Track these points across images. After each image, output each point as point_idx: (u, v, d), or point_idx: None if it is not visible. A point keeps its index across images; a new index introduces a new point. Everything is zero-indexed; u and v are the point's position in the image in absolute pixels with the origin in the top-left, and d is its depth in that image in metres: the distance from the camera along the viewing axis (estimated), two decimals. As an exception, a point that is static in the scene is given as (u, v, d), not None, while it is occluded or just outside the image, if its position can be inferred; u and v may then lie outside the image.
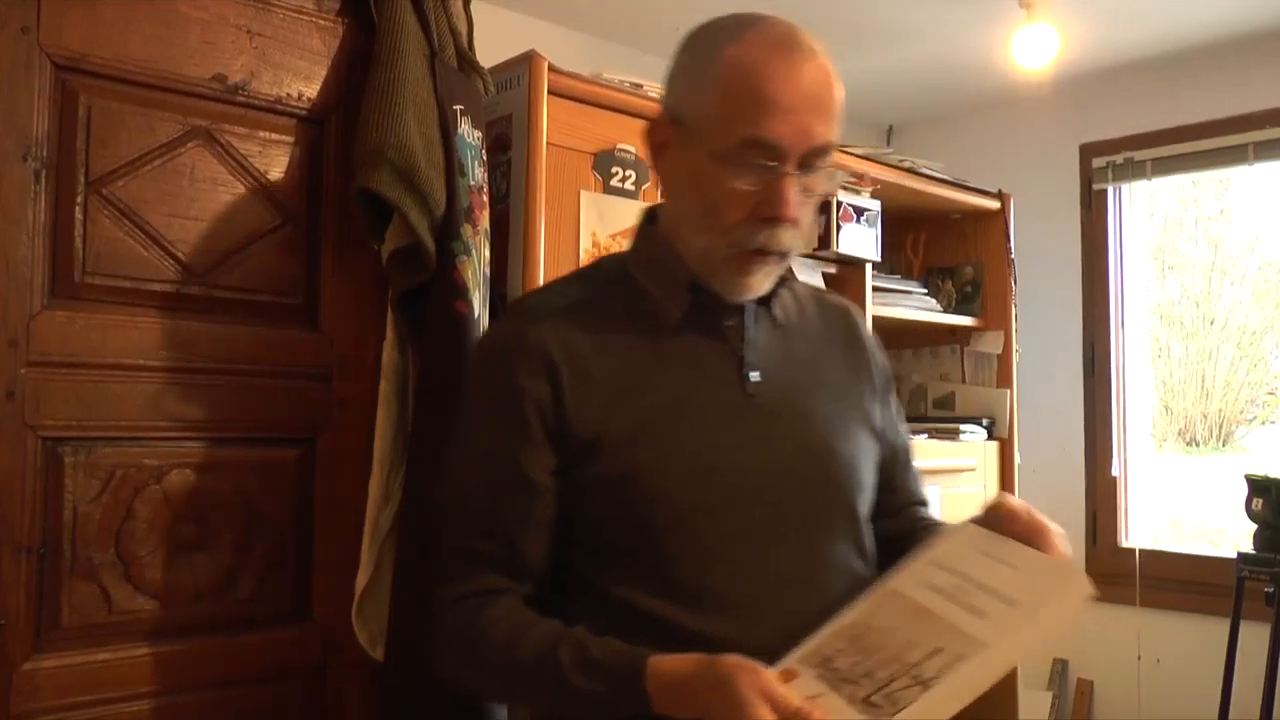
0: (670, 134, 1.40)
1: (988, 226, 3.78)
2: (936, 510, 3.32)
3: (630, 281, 1.45)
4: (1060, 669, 4.17)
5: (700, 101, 1.36)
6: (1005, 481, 3.64)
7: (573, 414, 1.35)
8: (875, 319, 3.28)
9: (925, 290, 3.67)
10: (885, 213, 3.26)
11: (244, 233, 1.71)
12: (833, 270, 3.19)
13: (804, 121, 1.33)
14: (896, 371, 3.93)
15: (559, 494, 1.37)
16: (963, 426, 3.52)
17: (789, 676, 1.21)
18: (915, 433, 3.42)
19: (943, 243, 3.87)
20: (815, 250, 3.08)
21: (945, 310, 3.70)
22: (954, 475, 3.46)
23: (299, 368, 1.81)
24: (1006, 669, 1.23)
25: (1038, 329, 4.16)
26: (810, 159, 1.34)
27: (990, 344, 3.70)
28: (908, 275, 3.81)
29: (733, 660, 1.18)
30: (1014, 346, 3.69)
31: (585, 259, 2.39)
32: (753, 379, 1.41)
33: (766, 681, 1.15)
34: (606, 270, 1.50)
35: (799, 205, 1.35)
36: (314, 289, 1.82)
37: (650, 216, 1.50)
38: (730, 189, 1.33)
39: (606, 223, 2.48)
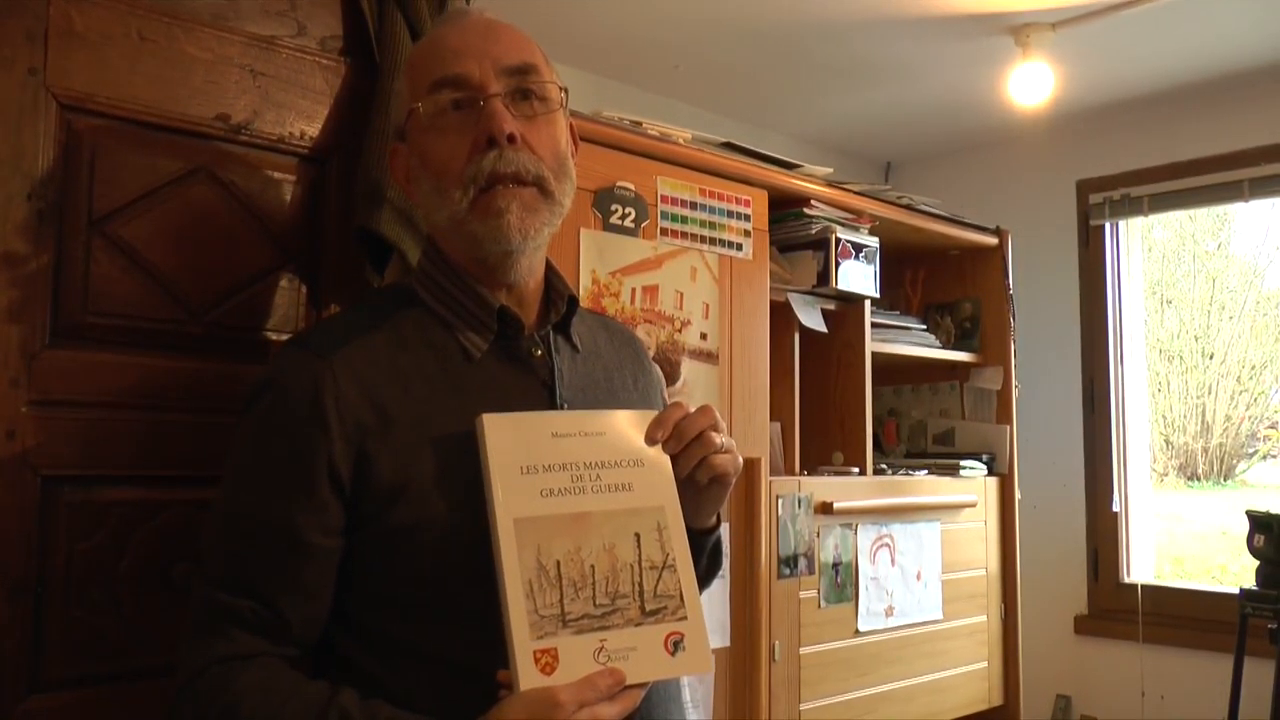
0: (402, 153, 1.44)
1: (986, 263, 3.80)
2: (937, 548, 3.32)
3: (421, 307, 1.40)
4: (1063, 706, 4.15)
5: (402, 102, 1.42)
6: (1006, 517, 3.64)
7: (375, 464, 1.27)
8: (875, 355, 3.29)
9: (924, 326, 3.68)
10: (884, 249, 3.28)
11: (246, 271, 1.72)
12: (831, 307, 3.21)
13: (479, 48, 1.36)
14: (895, 407, 3.95)
15: (345, 552, 1.29)
16: (963, 462, 3.53)
17: (551, 658, 1.17)
18: (915, 469, 3.42)
19: (941, 279, 3.89)
20: (814, 287, 3.09)
21: (944, 346, 3.71)
22: (954, 511, 3.47)
23: (300, 406, 1.80)
24: (680, 515, 1.30)
25: (1037, 364, 4.17)
26: (514, 82, 1.36)
27: (990, 380, 3.71)
28: (907, 311, 3.83)
29: (522, 704, 1.13)
30: (1013, 382, 3.71)
31: (586, 299, 2.40)
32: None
33: (564, 695, 1.13)
34: (394, 297, 1.44)
35: (516, 122, 1.34)
36: (315, 327, 1.82)
37: (431, 241, 1.47)
38: (446, 144, 1.35)
39: (607, 261, 2.49)
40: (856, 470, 3.21)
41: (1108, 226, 4.23)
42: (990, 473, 3.63)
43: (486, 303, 1.39)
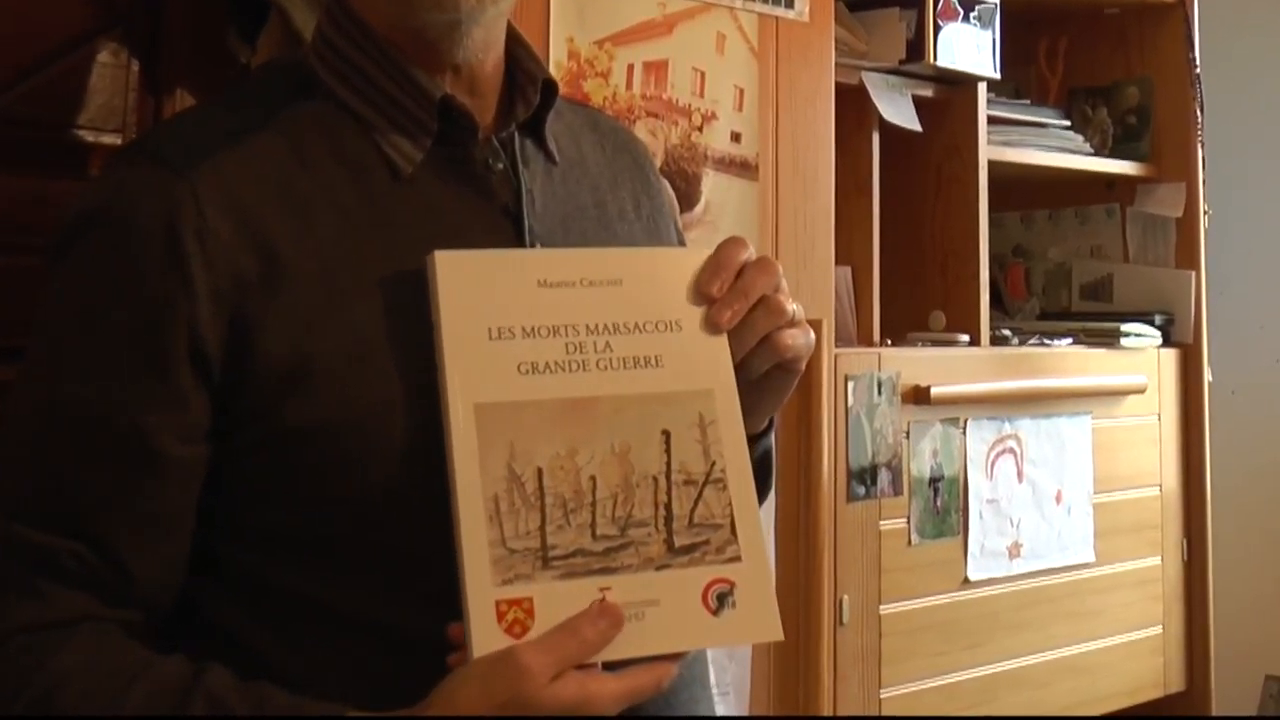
0: None
1: (1159, 27, 3.81)
2: (1087, 455, 3.34)
3: (324, 99, 1.39)
4: (1276, 691, 4.21)
5: None
6: (1191, 409, 3.68)
7: (261, 335, 1.26)
8: (993, 166, 3.28)
9: (1067, 123, 3.70)
10: (1007, 7, 3.27)
11: (51, 40, 1.73)
12: (928, 92, 3.22)
13: None
14: (1024, 245, 3.96)
15: (212, 469, 1.29)
16: (1125, 326, 3.55)
17: (522, 612, 1.17)
18: (1054, 335, 3.44)
19: (1093, 52, 3.90)
20: (901, 63, 3.09)
21: (1098, 152, 3.72)
22: (1113, 400, 3.51)
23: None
24: (737, 404, 1.30)
25: (1236, 180, 4.16)
26: None
27: (1165, 203, 3.71)
28: (1040, 100, 3.82)
29: (475, 676, 1.14)
30: (1201, 207, 3.70)
31: (562, 81, 2.40)
32: None
33: (529, 657, 1.12)
34: (280, 82, 1.43)
35: None
36: (153, 121, 1.83)
37: None
38: None
39: (590, 24, 2.49)
40: (965, 339, 3.24)
41: (1346, -32, 4.23)
42: (1166, 342, 3.66)
43: (424, 91, 1.38)
